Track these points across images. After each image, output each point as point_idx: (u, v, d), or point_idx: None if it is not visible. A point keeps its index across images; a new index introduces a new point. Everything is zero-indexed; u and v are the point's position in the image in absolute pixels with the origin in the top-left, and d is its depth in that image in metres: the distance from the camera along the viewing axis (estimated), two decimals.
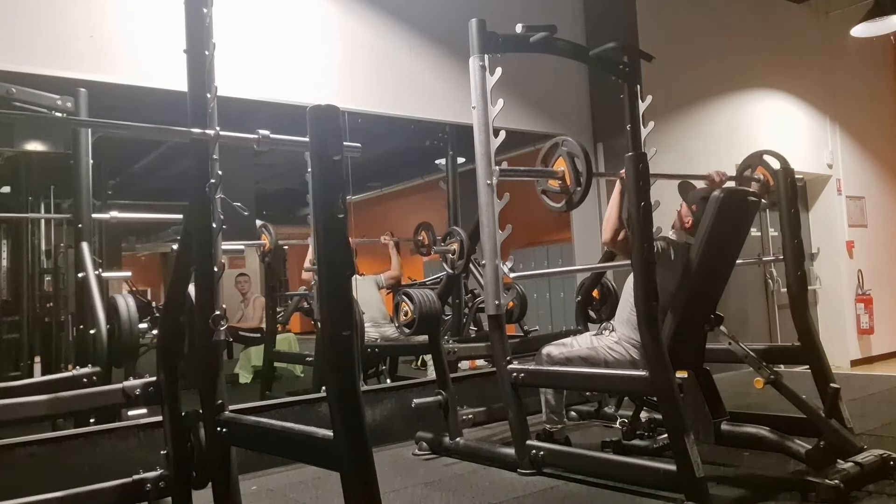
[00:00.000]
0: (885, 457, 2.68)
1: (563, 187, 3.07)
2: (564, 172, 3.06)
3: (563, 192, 3.07)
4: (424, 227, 5.40)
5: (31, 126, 4.44)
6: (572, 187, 3.03)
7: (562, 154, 3.08)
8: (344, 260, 1.73)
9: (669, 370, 2.53)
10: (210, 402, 2.15)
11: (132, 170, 6.28)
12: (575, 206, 3.06)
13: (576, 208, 3.12)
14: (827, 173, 7.46)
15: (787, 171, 3.26)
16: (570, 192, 3.04)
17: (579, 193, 3.01)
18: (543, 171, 3.13)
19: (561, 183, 3.07)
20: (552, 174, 3.09)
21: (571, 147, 3.05)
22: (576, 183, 3.02)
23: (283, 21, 4.06)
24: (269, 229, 4.77)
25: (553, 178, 3.09)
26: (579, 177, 3.01)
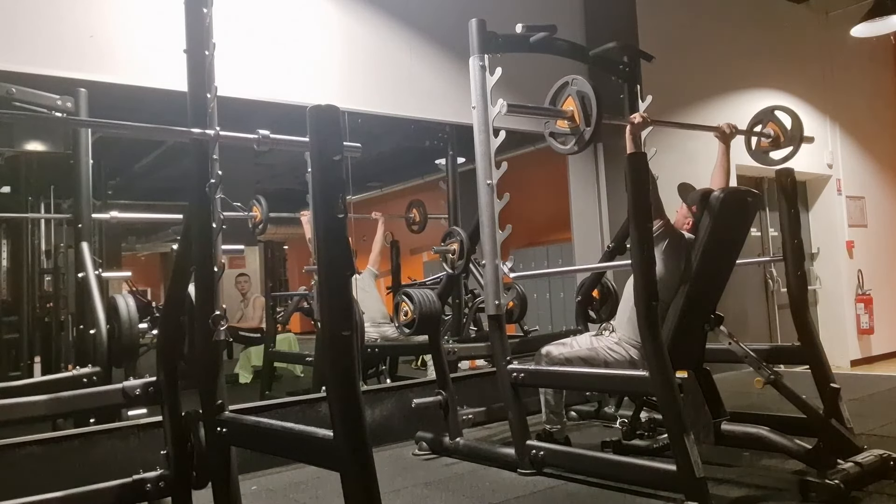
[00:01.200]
0: (885, 457, 2.68)
1: (572, 128, 2.97)
2: (574, 112, 2.96)
3: (573, 133, 2.97)
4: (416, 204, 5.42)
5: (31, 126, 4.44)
6: (581, 127, 2.93)
7: (571, 94, 2.99)
8: (344, 260, 1.73)
9: (669, 370, 2.53)
10: (210, 402, 2.15)
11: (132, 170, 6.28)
12: (585, 146, 2.97)
13: (585, 149, 3.01)
14: (827, 173, 7.46)
15: (788, 171, 3.26)
16: (579, 133, 2.94)
17: (589, 132, 2.91)
18: (551, 109, 3.03)
19: (570, 123, 2.97)
20: (561, 114, 3.00)
21: (581, 86, 2.95)
22: (585, 123, 2.93)
23: (282, 21, 4.06)
24: (261, 201, 4.76)
25: (562, 119, 3.00)
26: (588, 116, 2.92)
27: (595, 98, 2.91)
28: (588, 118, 2.93)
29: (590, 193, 5.45)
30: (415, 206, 5.51)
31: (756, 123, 3.76)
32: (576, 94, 2.97)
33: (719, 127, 3.41)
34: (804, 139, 3.64)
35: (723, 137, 3.39)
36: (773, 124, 3.70)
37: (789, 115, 3.67)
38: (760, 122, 3.76)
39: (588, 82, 3.00)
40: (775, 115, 3.71)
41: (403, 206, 5.86)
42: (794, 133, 3.65)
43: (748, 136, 3.74)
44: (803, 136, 3.64)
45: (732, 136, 3.42)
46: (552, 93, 3.09)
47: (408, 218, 5.58)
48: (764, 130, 3.72)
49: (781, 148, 3.67)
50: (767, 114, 3.76)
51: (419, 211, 5.48)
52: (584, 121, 2.94)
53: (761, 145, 3.77)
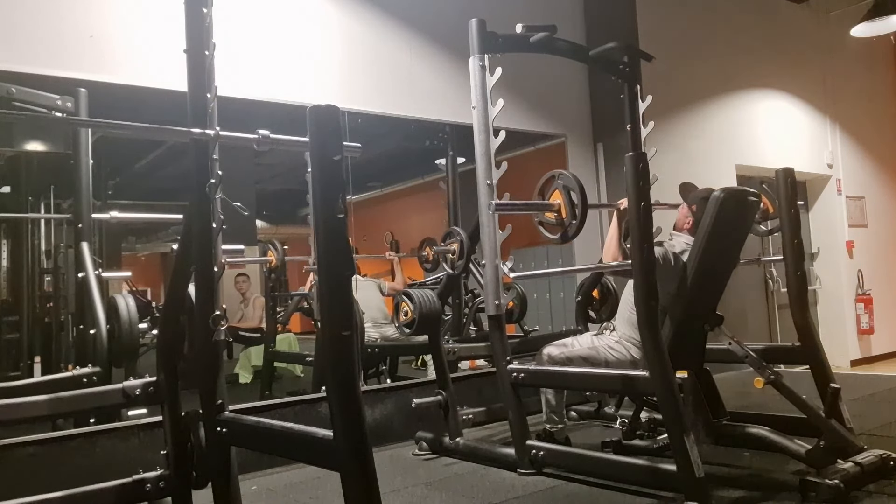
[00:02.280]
0: (885, 457, 2.67)
1: (558, 220, 3.12)
2: (560, 205, 3.11)
3: (559, 224, 3.12)
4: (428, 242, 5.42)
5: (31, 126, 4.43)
6: (568, 220, 3.08)
7: (558, 187, 3.13)
8: (344, 260, 1.73)
9: (669, 370, 2.53)
10: (210, 402, 2.15)
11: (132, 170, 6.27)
12: (570, 238, 3.11)
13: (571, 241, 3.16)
14: (827, 173, 7.46)
15: (788, 170, 3.26)
16: (565, 225, 3.09)
17: (574, 227, 3.05)
18: (540, 204, 3.17)
19: (556, 216, 3.12)
20: (549, 207, 3.14)
21: (567, 181, 3.09)
22: (571, 216, 3.07)
23: (282, 21, 4.06)
24: (276, 246, 4.78)
25: (549, 211, 3.14)
26: (574, 209, 3.05)
27: (580, 192, 3.03)
28: (574, 211, 3.06)
29: (590, 193, 5.44)
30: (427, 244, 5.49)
31: None
32: (562, 189, 3.11)
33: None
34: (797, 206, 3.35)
35: None
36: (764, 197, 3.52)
37: None
38: None
39: (573, 177, 3.10)
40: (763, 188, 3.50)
41: (404, 206, 5.86)
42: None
43: None
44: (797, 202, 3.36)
45: None
46: (540, 184, 3.21)
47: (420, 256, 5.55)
48: None
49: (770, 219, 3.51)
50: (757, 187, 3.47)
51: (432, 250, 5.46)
52: (570, 214, 3.08)
53: None
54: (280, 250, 4.77)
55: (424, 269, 5.30)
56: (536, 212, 3.23)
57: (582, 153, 5.50)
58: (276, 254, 4.77)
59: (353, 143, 2.01)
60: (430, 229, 5.66)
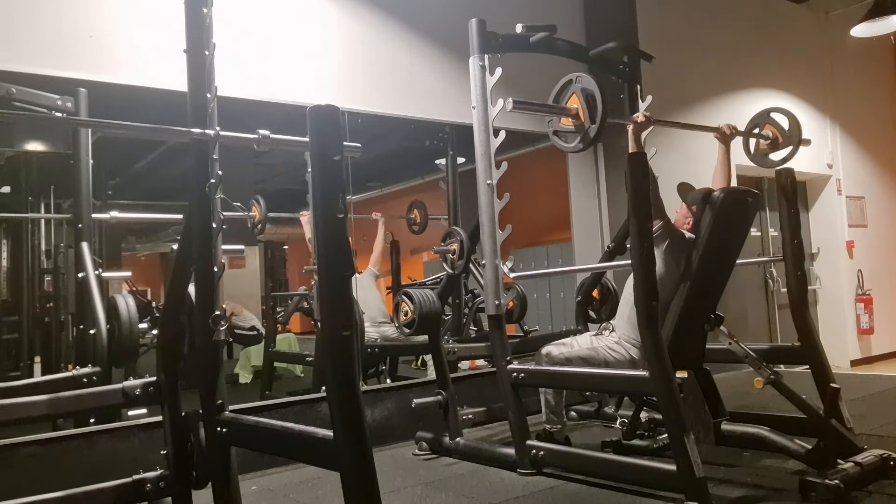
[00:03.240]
0: (885, 457, 2.68)
1: (576, 126, 2.93)
2: (578, 110, 2.92)
3: (577, 130, 2.93)
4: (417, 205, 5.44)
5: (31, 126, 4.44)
6: (586, 124, 2.89)
7: (575, 91, 2.94)
8: (344, 260, 1.73)
9: (669, 370, 2.53)
10: (210, 402, 2.15)
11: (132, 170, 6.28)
12: (590, 143, 2.93)
13: (590, 146, 2.97)
14: (827, 173, 7.46)
15: (788, 170, 3.27)
16: (584, 130, 2.90)
17: (594, 130, 2.87)
18: (556, 107, 3.00)
19: (574, 121, 2.93)
20: (566, 111, 2.97)
21: (586, 83, 2.91)
22: (590, 120, 2.89)
23: (282, 21, 4.06)
24: (260, 201, 4.77)
25: (566, 117, 2.96)
26: (594, 114, 2.87)
27: (600, 95, 2.87)
28: (593, 116, 2.90)
29: (590, 193, 5.45)
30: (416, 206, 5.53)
31: (754, 126, 3.77)
32: (580, 92, 2.93)
33: (719, 128, 3.42)
34: (802, 141, 3.65)
35: (723, 138, 3.41)
36: (771, 126, 3.71)
37: (787, 116, 3.68)
38: (758, 124, 3.77)
39: (593, 79, 2.97)
40: (772, 118, 3.72)
41: (404, 206, 5.86)
42: (792, 134, 3.66)
43: (747, 138, 3.75)
44: (801, 137, 3.65)
45: (732, 136, 3.44)
46: (556, 90, 3.06)
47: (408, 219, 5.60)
48: (762, 132, 3.73)
49: (780, 149, 3.68)
50: (764, 116, 3.76)
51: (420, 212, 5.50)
52: (588, 118, 2.91)
53: (760, 147, 3.78)
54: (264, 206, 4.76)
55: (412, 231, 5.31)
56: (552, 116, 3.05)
57: (582, 153, 5.49)
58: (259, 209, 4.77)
59: (353, 143, 2.01)
60: (430, 229, 5.66)
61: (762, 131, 3.73)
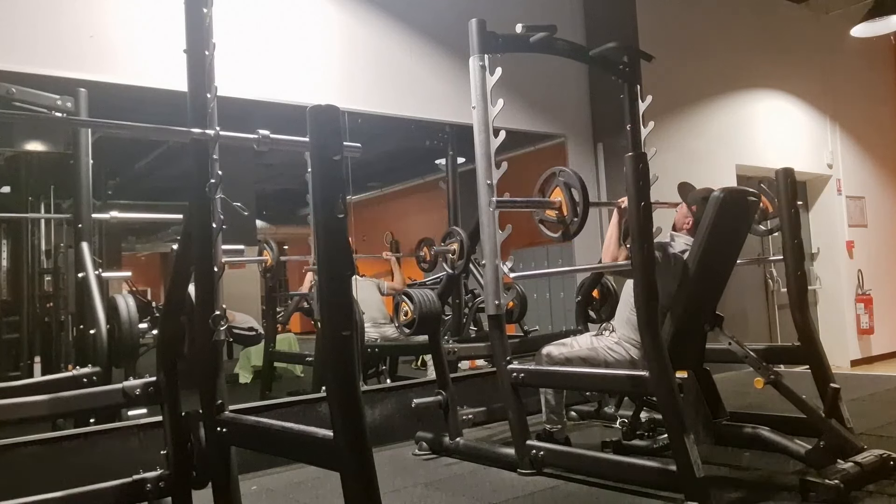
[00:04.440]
0: (885, 457, 2.67)
1: (559, 218, 3.08)
2: (561, 203, 3.07)
3: (560, 222, 3.09)
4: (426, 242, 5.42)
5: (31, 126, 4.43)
6: (569, 218, 3.05)
7: (559, 184, 3.09)
8: (344, 260, 1.73)
9: (669, 370, 2.53)
10: (210, 402, 2.15)
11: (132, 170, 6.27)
12: (572, 236, 3.08)
13: (572, 239, 3.13)
14: (827, 173, 7.46)
15: (788, 170, 3.27)
16: (567, 223, 3.06)
17: (576, 224, 3.02)
18: (541, 201, 3.14)
19: (558, 213, 3.09)
20: (549, 205, 3.11)
21: (568, 178, 3.06)
22: (573, 213, 3.03)
23: (283, 21, 4.06)
24: (272, 245, 4.78)
25: (550, 209, 3.11)
26: (576, 207, 3.02)
27: (581, 189, 3.00)
28: (575, 209, 3.03)
29: (590, 193, 5.44)
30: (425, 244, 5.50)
31: None
32: (563, 186, 3.08)
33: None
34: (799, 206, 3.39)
35: None
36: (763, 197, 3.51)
37: None
38: None
39: (574, 174, 3.06)
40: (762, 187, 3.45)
41: (403, 206, 5.86)
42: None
43: None
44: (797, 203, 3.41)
45: None
46: (541, 182, 3.18)
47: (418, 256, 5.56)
48: None
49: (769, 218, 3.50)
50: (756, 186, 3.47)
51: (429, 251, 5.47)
52: (571, 211, 3.04)
53: None
54: (276, 250, 4.76)
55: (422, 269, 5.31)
56: (537, 209, 3.20)
57: (582, 153, 5.50)
58: (271, 253, 4.77)
59: (353, 143, 2.00)
60: (429, 229, 5.66)
61: None
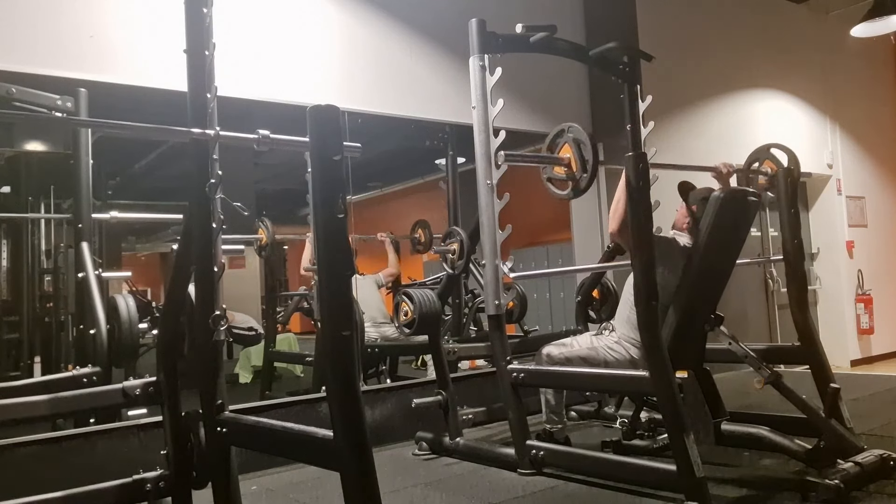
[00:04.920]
0: (885, 457, 2.68)
1: (568, 174, 3.00)
2: (570, 159, 3.00)
3: (569, 179, 3.01)
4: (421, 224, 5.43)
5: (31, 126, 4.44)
6: (578, 174, 2.97)
7: (567, 141, 3.02)
8: (344, 260, 1.73)
9: (669, 370, 2.53)
10: (210, 402, 2.15)
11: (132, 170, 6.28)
12: (581, 192, 3.00)
13: (581, 195, 3.04)
14: (827, 173, 7.46)
15: (788, 171, 3.27)
16: (575, 179, 2.98)
17: (585, 180, 2.94)
18: (549, 157, 3.07)
19: (566, 170, 3.00)
20: (557, 161, 3.03)
21: (577, 133, 2.99)
22: (582, 170, 2.96)
23: (283, 21, 4.06)
24: (267, 223, 4.78)
25: (558, 165, 3.03)
26: (585, 163, 2.95)
27: (591, 145, 2.95)
28: (585, 165, 2.98)
29: (590, 193, 5.43)
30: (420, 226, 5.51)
31: (753, 161, 3.68)
32: (572, 142, 3.02)
33: (716, 167, 3.35)
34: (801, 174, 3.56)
35: (720, 177, 3.33)
36: (770, 162, 3.62)
37: (786, 153, 3.57)
38: (757, 159, 3.68)
39: (584, 130, 3.03)
40: (771, 154, 3.63)
41: (403, 206, 5.87)
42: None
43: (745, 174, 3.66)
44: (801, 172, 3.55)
45: (730, 175, 3.35)
46: (549, 139, 3.13)
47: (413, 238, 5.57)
48: (761, 168, 3.64)
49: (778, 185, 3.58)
50: (763, 151, 3.65)
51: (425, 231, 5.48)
52: (580, 167, 2.99)
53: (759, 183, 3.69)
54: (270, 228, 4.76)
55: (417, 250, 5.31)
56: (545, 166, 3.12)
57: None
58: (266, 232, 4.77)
59: (353, 143, 2.00)
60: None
61: (761, 167, 3.66)
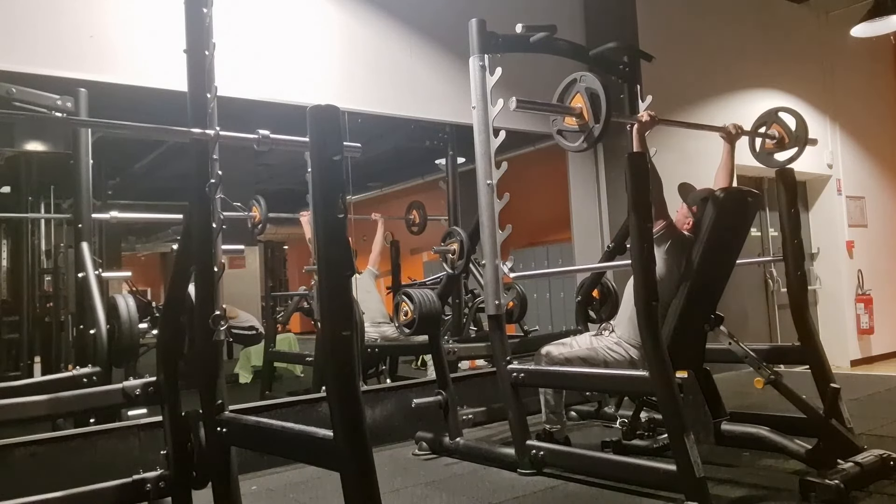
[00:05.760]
0: (885, 457, 2.68)
1: (580, 125, 2.93)
2: (582, 109, 2.92)
3: (581, 129, 2.93)
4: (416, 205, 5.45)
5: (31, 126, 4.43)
6: (591, 124, 2.89)
7: (580, 90, 2.94)
8: (344, 260, 1.73)
9: (669, 370, 2.53)
10: (210, 402, 2.15)
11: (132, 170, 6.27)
12: (594, 142, 2.93)
13: (595, 146, 2.97)
14: (827, 173, 7.46)
15: (788, 171, 3.27)
16: (588, 130, 2.90)
17: (598, 130, 2.87)
18: (560, 106, 3.00)
19: (578, 120, 2.93)
20: (569, 111, 2.97)
21: (590, 82, 2.91)
22: (594, 120, 2.89)
23: (283, 21, 4.06)
24: (260, 201, 4.77)
25: (570, 116, 2.96)
26: (598, 113, 2.87)
27: (604, 94, 2.87)
28: (597, 115, 2.89)
29: (590, 193, 5.45)
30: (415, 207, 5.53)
31: (760, 125, 3.77)
32: (584, 91, 2.93)
33: (725, 127, 3.41)
34: (809, 141, 3.65)
35: (728, 138, 3.40)
36: (778, 126, 3.70)
37: (794, 116, 3.67)
38: (765, 123, 3.76)
39: (597, 79, 2.94)
40: (779, 117, 3.72)
41: (403, 206, 5.86)
42: (798, 134, 3.65)
43: (753, 137, 3.75)
44: (808, 137, 3.64)
45: (738, 136, 3.43)
46: (560, 90, 3.05)
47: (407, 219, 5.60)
48: (769, 132, 3.72)
49: (786, 149, 3.67)
50: (772, 115, 3.75)
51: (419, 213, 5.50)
52: (593, 117, 2.90)
53: (766, 147, 3.77)
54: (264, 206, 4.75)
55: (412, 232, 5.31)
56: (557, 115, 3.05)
57: (582, 153, 5.49)
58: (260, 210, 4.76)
59: (353, 143, 2.01)
60: (430, 229, 5.66)
61: (769, 130, 3.73)
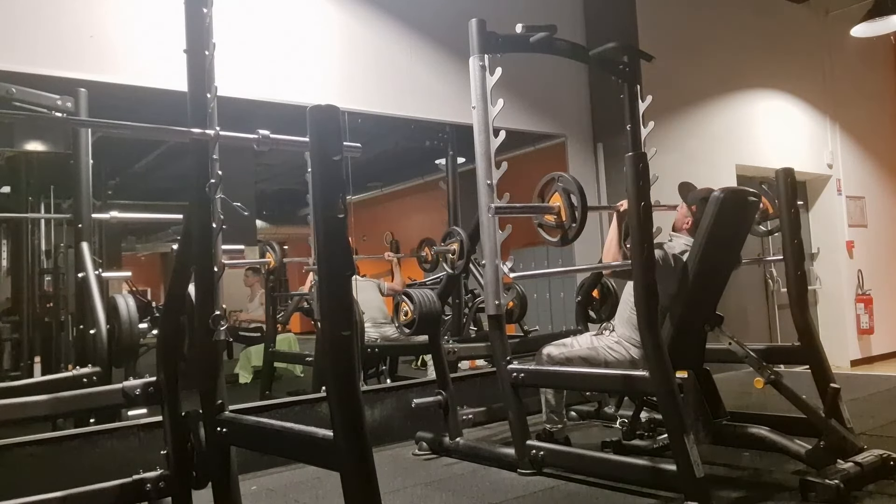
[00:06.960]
0: (885, 457, 2.67)
1: (558, 222, 3.09)
2: (560, 208, 3.08)
3: (559, 227, 3.10)
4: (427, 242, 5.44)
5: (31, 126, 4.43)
6: (567, 223, 3.05)
7: (557, 189, 3.11)
8: (344, 260, 1.73)
9: (669, 370, 2.53)
10: (210, 402, 2.15)
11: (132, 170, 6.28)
12: (570, 241, 3.09)
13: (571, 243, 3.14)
14: (827, 173, 7.46)
15: (788, 170, 3.26)
16: (565, 228, 3.06)
17: (574, 230, 3.03)
18: (540, 206, 3.16)
19: (556, 218, 3.10)
20: (548, 210, 3.12)
21: (567, 183, 3.08)
22: (571, 219, 3.04)
23: (283, 21, 4.06)
24: (274, 247, 4.79)
25: (549, 214, 3.12)
26: (574, 212, 3.03)
27: (580, 195, 3.00)
28: (574, 213, 3.03)
29: (590, 193, 5.44)
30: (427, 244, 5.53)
31: None
32: (562, 191, 3.08)
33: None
34: None
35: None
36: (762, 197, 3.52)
37: None
38: None
39: (573, 180, 3.07)
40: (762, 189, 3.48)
41: (404, 206, 5.86)
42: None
43: None
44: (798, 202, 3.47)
45: None
46: (540, 186, 3.19)
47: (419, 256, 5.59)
48: None
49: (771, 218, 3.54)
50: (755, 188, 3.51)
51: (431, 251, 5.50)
52: (570, 217, 3.05)
53: None
54: (278, 252, 4.76)
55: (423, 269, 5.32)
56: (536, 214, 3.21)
57: (582, 153, 5.51)
58: (274, 255, 4.77)
59: (353, 143, 2.01)
60: (430, 229, 5.66)
61: None
